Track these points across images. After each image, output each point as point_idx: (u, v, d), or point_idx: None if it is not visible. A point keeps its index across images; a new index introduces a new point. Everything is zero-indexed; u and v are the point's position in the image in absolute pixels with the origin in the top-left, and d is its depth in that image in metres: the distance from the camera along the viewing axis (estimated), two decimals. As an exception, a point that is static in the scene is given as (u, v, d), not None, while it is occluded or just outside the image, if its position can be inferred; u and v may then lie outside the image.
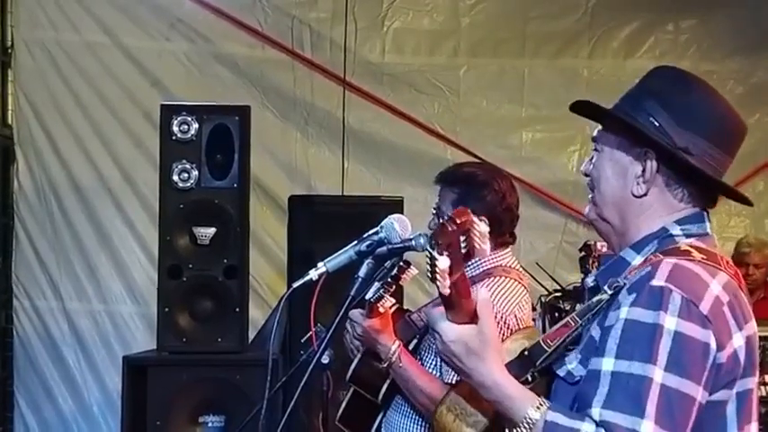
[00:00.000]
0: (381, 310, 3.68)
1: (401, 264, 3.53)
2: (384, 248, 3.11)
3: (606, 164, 2.54)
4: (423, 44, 7.53)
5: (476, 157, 7.07)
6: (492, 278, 3.87)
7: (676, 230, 2.46)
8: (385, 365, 3.75)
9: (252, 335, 6.32)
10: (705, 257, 2.38)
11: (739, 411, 2.36)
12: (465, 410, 2.54)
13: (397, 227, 2.97)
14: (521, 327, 3.81)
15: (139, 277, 6.93)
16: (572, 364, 2.39)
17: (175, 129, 5.78)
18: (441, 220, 2.41)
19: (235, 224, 5.87)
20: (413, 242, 3.83)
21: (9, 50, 7.10)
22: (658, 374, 2.22)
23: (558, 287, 6.23)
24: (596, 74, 7.61)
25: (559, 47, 7.66)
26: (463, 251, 2.31)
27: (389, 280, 3.57)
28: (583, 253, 5.76)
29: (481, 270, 3.91)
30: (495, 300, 3.78)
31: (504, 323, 3.75)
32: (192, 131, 5.80)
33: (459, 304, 2.32)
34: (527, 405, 2.29)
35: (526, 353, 2.46)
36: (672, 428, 2.21)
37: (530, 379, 2.41)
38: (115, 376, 6.13)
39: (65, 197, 7.05)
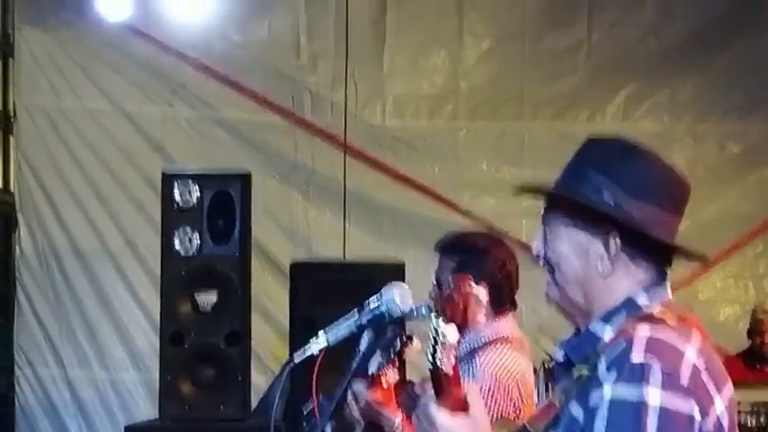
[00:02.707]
0: (384, 385, 3.68)
1: (404, 338, 3.55)
2: (385, 320, 3.11)
3: (564, 244, 2.50)
4: (422, 108, 7.57)
5: (476, 219, 7.09)
6: (494, 347, 3.88)
7: (642, 298, 2.45)
8: (387, 434, 3.75)
9: (255, 401, 6.31)
10: (678, 322, 2.38)
11: None
12: None
13: (398, 298, 2.98)
14: (523, 399, 3.81)
15: (141, 343, 6.90)
16: None
17: (177, 195, 5.81)
18: (444, 290, 2.40)
19: (236, 290, 5.89)
20: (415, 313, 3.86)
21: (11, 117, 7.14)
22: None
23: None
24: (597, 131, 7.60)
25: (558, 110, 7.71)
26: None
27: (392, 355, 3.58)
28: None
29: (483, 341, 3.92)
30: (497, 371, 3.79)
31: (508, 395, 3.75)
32: (194, 198, 5.83)
33: (449, 391, 2.31)
34: None
35: None
36: None
37: None
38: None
39: (67, 263, 7.05)
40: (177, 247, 5.82)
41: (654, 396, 2.24)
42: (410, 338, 3.68)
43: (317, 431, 3.15)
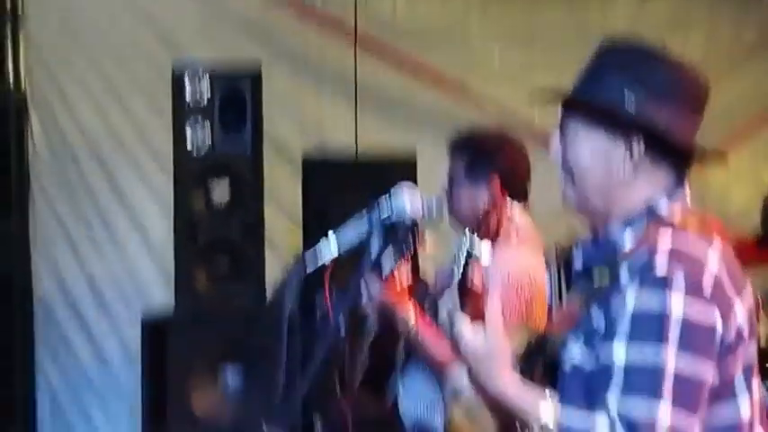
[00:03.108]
0: (398, 284, 3.74)
1: (416, 235, 3.59)
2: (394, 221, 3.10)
3: (584, 148, 2.50)
4: (434, -4, 7.46)
5: (489, 107, 7.08)
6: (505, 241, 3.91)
7: (663, 203, 2.46)
8: (402, 333, 3.83)
9: (270, 292, 6.39)
10: (699, 227, 2.41)
11: (746, 375, 2.41)
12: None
13: (407, 203, 2.98)
14: (534, 293, 3.85)
15: (157, 234, 6.87)
16: (576, 354, 2.40)
17: (187, 92, 5.83)
18: (486, 208, 2.42)
19: (249, 184, 5.96)
20: (425, 210, 3.88)
21: (20, 13, 7.08)
22: (671, 360, 2.24)
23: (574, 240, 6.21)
24: (611, 17, 7.55)
25: (572, -8, 7.61)
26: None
27: (404, 253, 3.63)
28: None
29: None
30: (508, 265, 3.82)
31: (518, 290, 3.79)
32: (205, 93, 5.83)
33: (474, 305, 2.34)
34: (539, 410, 2.31)
35: (533, 343, 2.51)
36: (689, 411, 2.25)
37: (538, 372, 2.46)
38: (134, 332, 6.16)
39: (80, 157, 6.99)
40: (189, 143, 5.87)
41: (677, 307, 2.26)
42: (422, 235, 3.72)
43: (331, 325, 3.17)
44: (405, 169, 5.97)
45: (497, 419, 2.46)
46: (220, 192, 5.95)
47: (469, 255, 2.31)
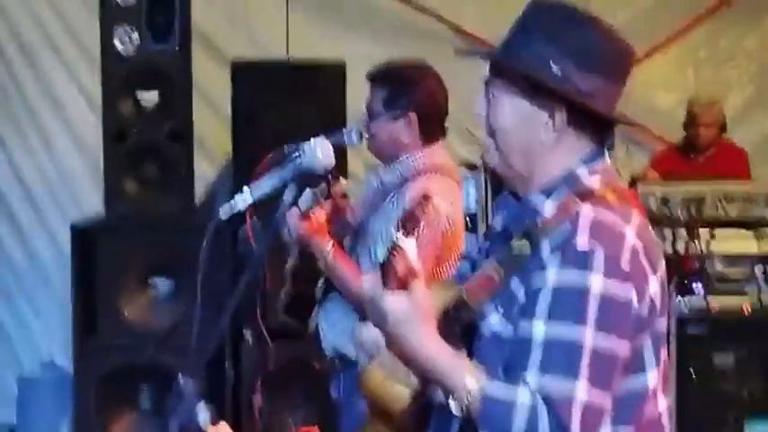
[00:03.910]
0: (314, 221, 3.82)
1: (330, 179, 3.67)
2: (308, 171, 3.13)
3: (507, 111, 2.49)
4: None
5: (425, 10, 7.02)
6: (425, 177, 3.97)
7: (582, 170, 2.47)
8: (321, 265, 3.92)
9: (201, 189, 6.44)
10: (618, 199, 2.44)
11: (655, 346, 2.46)
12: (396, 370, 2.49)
13: (320, 153, 3.01)
14: (449, 226, 3.93)
15: (87, 137, 6.82)
16: (494, 322, 2.43)
17: (116, -7, 5.78)
18: (412, 204, 2.45)
19: (178, 87, 5.94)
20: (345, 138, 3.95)
21: None
22: (589, 339, 2.29)
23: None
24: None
25: None
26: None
27: (320, 193, 3.72)
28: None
29: (414, 170, 4.00)
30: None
31: (437, 226, 3.86)
32: (133, -7, 5.80)
33: (394, 274, 2.36)
34: (464, 376, 2.32)
35: (449, 312, 2.47)
36: (604, 387, 2.31)
37: (453, 339, 2.42)
38: (66, 235, 6.14)
39: (10, 55, 6.92)
40: (117, 45, 5.83)
41: (596, 283, 2.31)
42: (337, 178, 3.81)
43: (253, 256, 3.23)
44: (335, 73, 6.01)
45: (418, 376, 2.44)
46: (149, 95, 5.94)
47: (393, 247, 2.35)
